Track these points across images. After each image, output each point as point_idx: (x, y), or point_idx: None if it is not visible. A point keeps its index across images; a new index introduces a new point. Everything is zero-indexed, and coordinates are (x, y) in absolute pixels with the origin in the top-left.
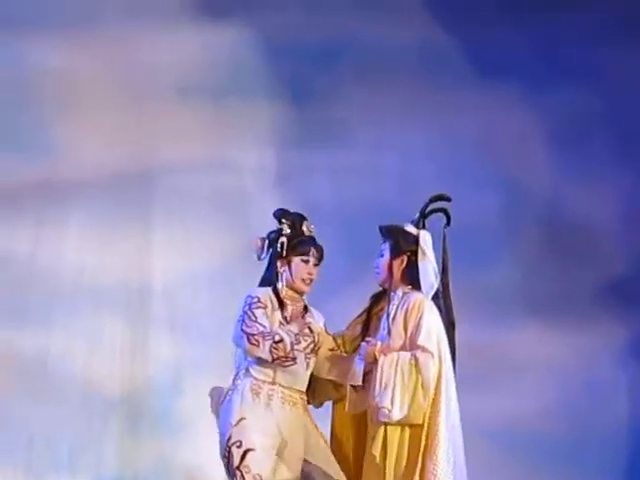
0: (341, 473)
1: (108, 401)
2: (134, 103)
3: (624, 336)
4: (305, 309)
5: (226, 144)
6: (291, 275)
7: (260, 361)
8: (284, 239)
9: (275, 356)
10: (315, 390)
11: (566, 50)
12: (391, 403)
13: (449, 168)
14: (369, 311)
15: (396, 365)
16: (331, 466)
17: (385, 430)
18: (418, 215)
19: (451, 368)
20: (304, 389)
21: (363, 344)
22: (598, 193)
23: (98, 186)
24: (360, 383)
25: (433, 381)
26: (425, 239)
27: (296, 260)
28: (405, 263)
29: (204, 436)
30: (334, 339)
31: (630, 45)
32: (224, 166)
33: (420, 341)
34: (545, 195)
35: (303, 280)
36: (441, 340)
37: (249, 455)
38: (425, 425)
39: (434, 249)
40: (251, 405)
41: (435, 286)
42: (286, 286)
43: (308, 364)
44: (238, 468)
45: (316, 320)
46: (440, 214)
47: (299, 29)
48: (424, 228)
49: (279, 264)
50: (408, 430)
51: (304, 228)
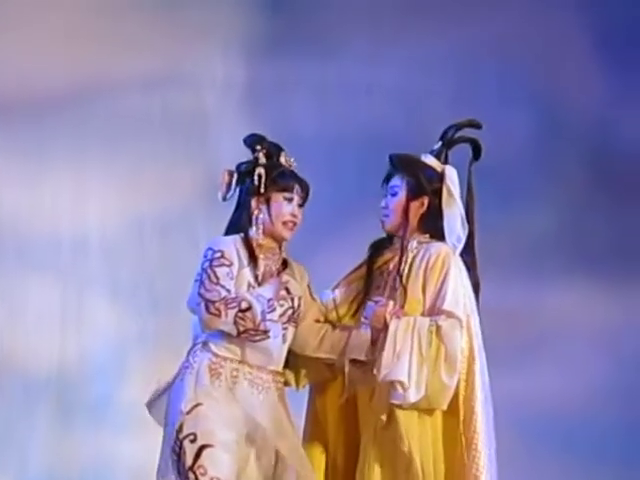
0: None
1: (33, 383)
2: (68, 6)
3: None
4: (284, 264)
5: (182, 55)
6: (270, 217)
7: (223, 333)
8: (261, 170)
9: (241, 328)
10: (300, 369)
11: None
12: (408, 378)
13: (465, 85)
14: (369, 265)
15: (412, 330)
16: (306, 469)
17: (401, 417)
18: (440, 144)
19: (481, 341)
20: (280, 368)
21: (370, 304)
22: None
23: (20, 110)
24: (367, 356)
25: (461, 355)
26: (452, 177)
27: (277, 197)
28: (426, 206)
29: (154, 427)
30: (322, 305)
31: None
32: (180, 82)
33: (446, 305)
34: (591, 118)
35: (285, 223)
36: (470, 305)
37: (205, 452)
38: (461, 413)
39: None
40: (209, 388)
41: (463, 238)
42: (263, 232)
43: (285, 336)
44: (191, 469)
45: (297, 279)
46: (465, 145)
47: None
48: (447, 162)
49: (254, 203)
50: (436, 420)
51: (282, 160)
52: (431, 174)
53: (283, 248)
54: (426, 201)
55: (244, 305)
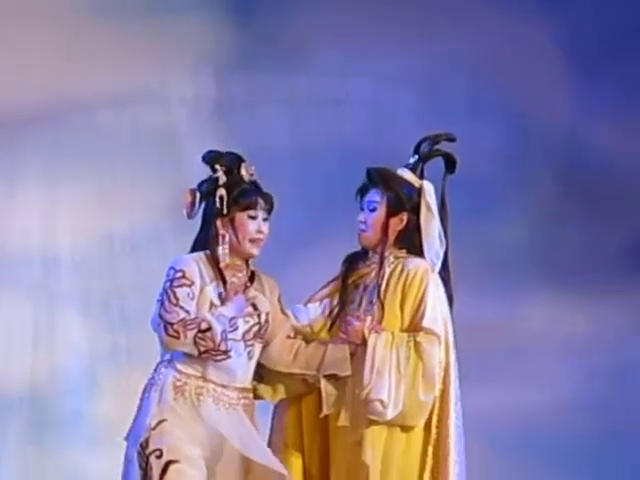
0: None
1: (5, 400)
2: (33, 21)
3: None
4: (251, 279)
5: (151, 70)
6: (236, 236)
7: (186, 353)
8: (222, 191)
9: (202, 349)
10: (274, 383)
11: None
12: (387, 395)
13: (436, 98)
14: (344, 279)
15: (391, 346)
16: (280, 468)
17: (376, 433)
18: (416, 158)
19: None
20: (247, 384)
21: (348, 319)
22: (628, 128)
23: None
24: (345, 372)
25: (439, 372)
26: (430, 192)
27: (241, 217)
28: (405, 222)
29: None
30: (295, 320)
31: None
32: (149, 98)
33: (425, 322)
34: (562, 131)
35: (252, 241)
36: (447, 322)
37: (172, 468)
38: (433, 430)
39: None
40: (173, 405)
41: (441, 254)
42: (230, 251)
43: (251, 353)
44: None
45: (267, 293)
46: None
47: None
48: (423, 176)
49: (219, 223)
50: (406, 435)
51: (243, 172)
52: (410, 190)
53: (250, 262)
54: (405, 217)
55: (204, 326)
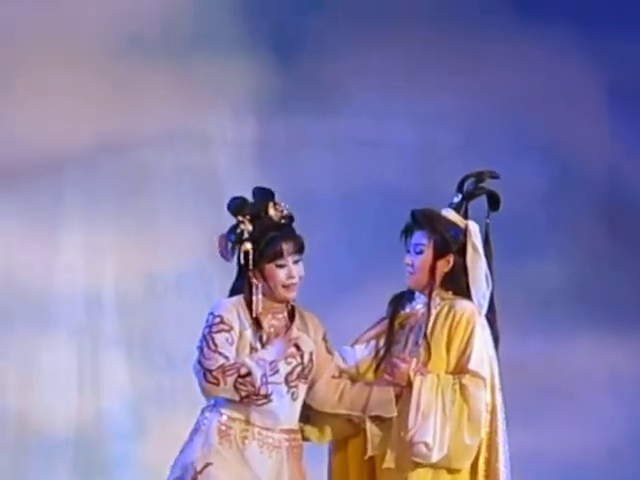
0: None
1: (50, 444)
2: (77, 65)
3: None
4: (292, 317)
5: (193, 112)
6: (269, 285)
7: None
8: (247, 246)
9: (243, 394)
10: (322, 425)
11: None
12: (432, 438)
13: (477, 137)
14: (391, 320)
15: (437, 389)
16: None
17: (421, 476)
18: (460, 197)
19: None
20: (293, 425)
21: (394, 360)
22: None
23: (32, 168)
24: (390, 413)
25: (485, 414)
26: (476, 233)
27: (270, 268)
28: (451, 264)
29: None
30: (341, 360)
31: None
32: (191, 140)
33: (471, 365)
34: (602, 171)
35: (285, 287)
36: (493, 364)
37: None
38: (480, 473)
39: None
40: (218, 449)
41: (488, 296)
42: (266, 297)
43: (295, 394)
44: None
45: (310, 333)
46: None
47: None
48: (467, 215)
49: (251, 274)
50: (452, 477)
51: (271, 213)
52: (456, 231)
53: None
54: (452, 259)
55: (243, 371)
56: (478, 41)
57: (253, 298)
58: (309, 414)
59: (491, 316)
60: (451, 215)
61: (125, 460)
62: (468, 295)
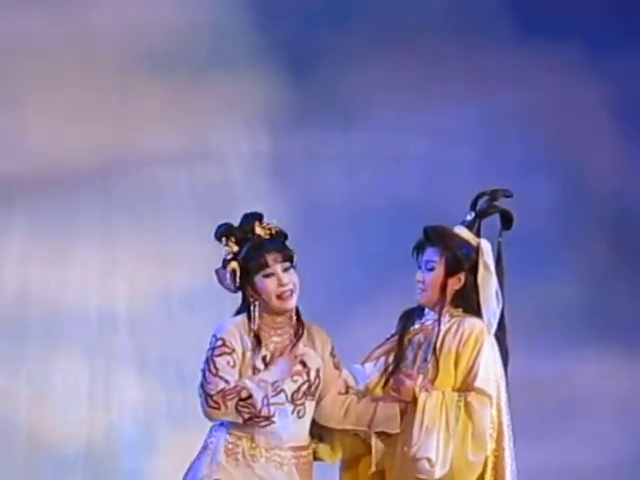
0: None
1: (61, 459)
2: (93, 79)
3: None
4: (298, 333)
5: (208, 128)
6: (263, 298)
7: None
8: (233, 265)
9: (246, 416)
10: (334, 443)
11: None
12: (435, 454)
13: (489, 155)
14: (401, 336)
15: (441, 405)
16: None
17: None
18: (473, 216)
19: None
20: (302, 442)
21: (400, 377)
22: None
23: (47, 184)
24: (395, 429)
25: (490, 432)
26: (488, 251)
27: (259, 279)
28: (462, 282)
29: None
30: (349, 377)
31: None
32: (206, 155)
33: (477, 382)
34: (613, 189)
35: (279, 297)
36: (500, 383)
37: None
38: None
39: None
40: (225, 466)
41: (498, 314)
42: (265, 313)
43: (301, 412)
44: None
45: (318, 348)
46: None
47: None
48: (480, 233)
49: (247, 292)
50: None
51: (258, 232)
52: (468, 249)
53: (293, 316)
54: (463, 277)
55: (244, 394)
56: (493, 57)
57: (252, 315)
58: (321, 434)
59: (500, 334)
60: (464, 233)
61: (136, 476)
62: (478, 313)
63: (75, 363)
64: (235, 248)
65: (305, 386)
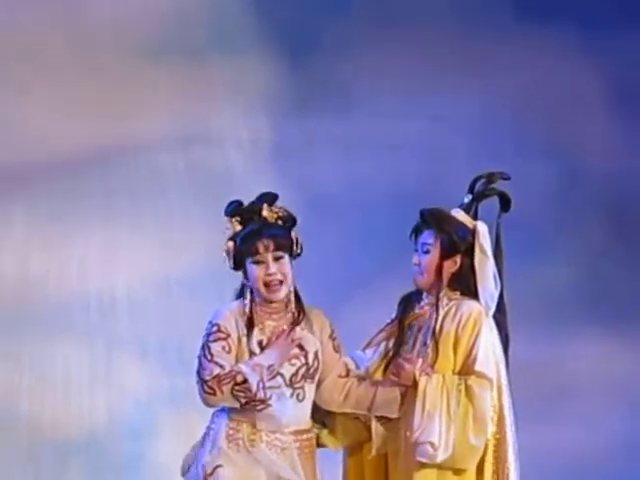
0: None
1: (63, 445)
2: (92, 67)
3: None
4: (295, 319)
5: (208, 113)
6: (252, 284)
7: None
8: (229, 245)
9: (243, 400)
10: (337, 430)
11: None
12: (438, 438)
13: (486, 140)
14: (401, 320)
15: (442, 389)
16: None
17: (427, 476)
18: (470, 199)
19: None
20: (303, 426)
21: (399, 361)
22: None
23: (47, 172)
24: (395, 414)
25: (490, 415)
26: (485, 234)
27: (249, 265)
28: (458, 265)
29: None
30: (349, 361)
31: None
32: (206, 141)
33: (477, 365)
34: (608, 173)
35: (266, 285)
36: (500, 365)
37: None
38: (487, 474)
39: None
40: (226, 451)
41: (496, 296)
42: (258, 298)
43: (300, 395)
44: None
45: (316, 331)
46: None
47: None
48: (477, 216)
49: (243, 275)
50: (457, 478)
51: (265, 214)
52: (464, 232)
53: (291, 301)
54: (459, 260)
55: (239, 378)
56: (490, 43)
57: (245, 300)
58: (325, 421)
59: (500, 317)
60: (460, 215)
61: (138, 460)
62: (476, 296)
63: (76, 348)
64: (238, 228)
65: (303, 369)
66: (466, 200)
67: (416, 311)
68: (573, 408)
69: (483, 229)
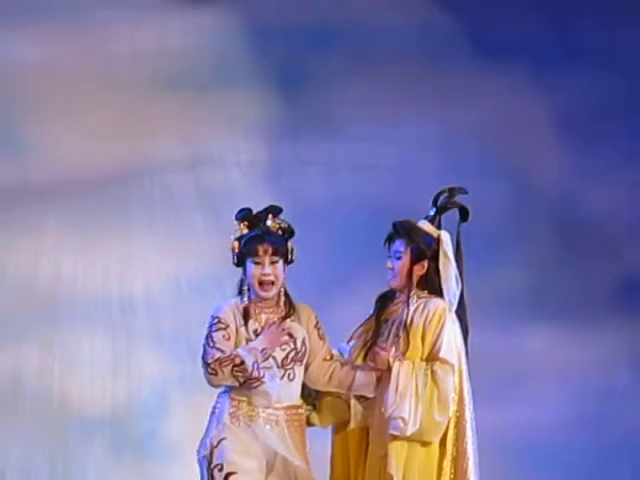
0: None
1: (88, 423)
2: (112, 97)
3: None
4: (286, 312)
5: (212, 139)
6: (249, 281)
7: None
8: (234, 244)
9: (241, 380)
10: (324, 411)
11: (579, 27)
12: (408, 414)
13: (451, 161)
14: (377, 316)
15: (412, 373)
16: None
17: (398, 447)
18: (434, 211)
19: (469, 384)
20: (294, 402)
21: (376, 349)
22: (614, 187)
23: (75, 189)
24: (372, 394)
25: (452, 396)
26: (447, 241)
27: (248, 263)
28: (426, 268)
29: (194, 460)
30: (333, 349)
31: None
32: (210, 162)
33: (441, 353)
34: (556, 190)
35: (260, 283)
36: (462, 354)
37: (231, 478)
38: (449, 447)
39: None
40: (229, 426)
41: (458, 295)
42: (254, 294)
43: (291, 375)
44: None
45: (303, 322)
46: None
47: (290, 11)
48: (440, 226)
49: (242, 272)
50: (425, 450)
51: (268, 223)
52: (430, 240)
53: (281, 299)
54: (426, 264)
55: (237, 360)
56: (453, 78)
57: (243, 294)
58: (315, 403)
59: (461, 312)
60: (426, 226)
61: (152, 436)
62: (441, 294)
63: (100, 340)
64: (244, 231)
65: (293, 353)
66: (431, 212)
67: (390, 308)
68: (525, 390)
69: (446, 237)
